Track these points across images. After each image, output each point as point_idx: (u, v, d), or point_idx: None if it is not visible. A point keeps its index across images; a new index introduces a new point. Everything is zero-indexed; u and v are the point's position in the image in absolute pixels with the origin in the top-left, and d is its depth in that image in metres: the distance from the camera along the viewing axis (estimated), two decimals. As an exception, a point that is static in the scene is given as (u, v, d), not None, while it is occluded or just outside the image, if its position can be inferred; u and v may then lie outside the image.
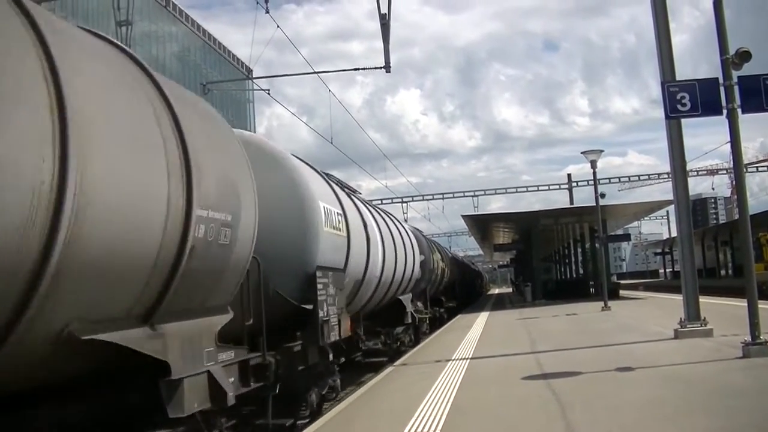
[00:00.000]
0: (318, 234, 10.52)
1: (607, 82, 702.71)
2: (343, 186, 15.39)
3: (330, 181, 13.40)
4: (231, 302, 7.41)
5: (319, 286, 10.30)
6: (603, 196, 32.32)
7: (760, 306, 11.86)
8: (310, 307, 10.10)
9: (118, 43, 6.28)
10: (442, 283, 32.84)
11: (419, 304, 23.77)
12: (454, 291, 40.84)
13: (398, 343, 19.44)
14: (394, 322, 19.17)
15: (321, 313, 10.25)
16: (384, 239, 16.49)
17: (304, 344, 10.01)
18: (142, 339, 5.55)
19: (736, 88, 12.01)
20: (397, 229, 20.38)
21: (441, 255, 33.99)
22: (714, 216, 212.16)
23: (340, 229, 12.06)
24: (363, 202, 17.15)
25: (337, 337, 11.33)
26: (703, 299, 15.87)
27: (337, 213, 12.08)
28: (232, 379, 7.21)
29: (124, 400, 6.07)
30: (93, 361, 5.35)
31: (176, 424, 5.99)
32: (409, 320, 20.27)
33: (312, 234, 10.41)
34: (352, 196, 15.55)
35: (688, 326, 14.91)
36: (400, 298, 19.65)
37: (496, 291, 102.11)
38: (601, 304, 28.01)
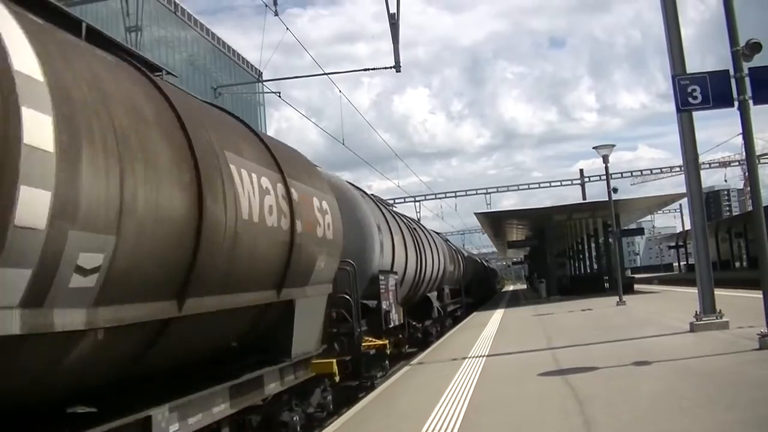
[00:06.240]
0: (374, 246, 14.01)
1: (614, 78, 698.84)
2: (385, 204, 19.27)
3: (376, 202, 16.93)
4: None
5: (381, 286, 13.87)
6: (615, 190, 32.12)
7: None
8: (373, 303, 13.49)
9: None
10: (460, 281, 33.20)
11: (444, 299, 26.71)
12: (470, 288, 40.92)
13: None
14: (423, 316, 21.74)
15: (384, 305, 13.81)
16: (416, 245, 19.87)
17: (369, 329, 13.25)
18: None
19: (747, 80, 11.98)
20: (425, 235, 23.89)
21: (459, 255, 34.72)
22: (727, 208, 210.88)
23: (385, 241, 15.27)
24: (397, 215, 20.79)
25: (397, 323, 15.05)
26: (718, 291, 15.80)
27: (385, 228, 15.65)
28: None
29: None
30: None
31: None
32: (436, 314, 23.13)
33: (372, 247, 13.93)
34: (392, 212, 19.53)
35: (703, 319, 14.89)
36: (428, 295, 22.67)
37: (511, 288, 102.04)
38: (616, 298, 28.00)
